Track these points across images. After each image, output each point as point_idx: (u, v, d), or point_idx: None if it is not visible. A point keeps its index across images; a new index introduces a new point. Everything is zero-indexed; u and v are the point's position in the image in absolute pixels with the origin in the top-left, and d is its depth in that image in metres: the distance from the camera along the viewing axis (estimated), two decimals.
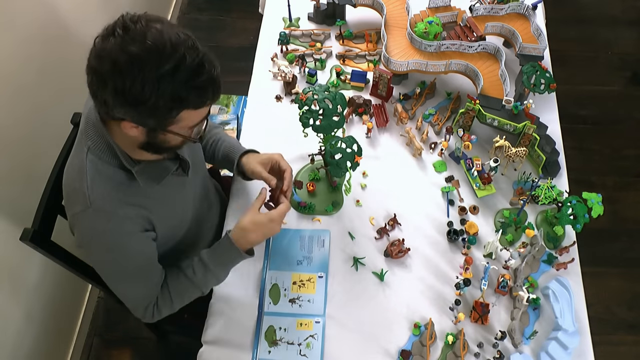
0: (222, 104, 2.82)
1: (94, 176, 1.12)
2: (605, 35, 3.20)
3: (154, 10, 2.92)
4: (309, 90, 1.36)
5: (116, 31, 0.94)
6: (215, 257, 1.30)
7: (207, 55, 1.00)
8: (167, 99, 0.97)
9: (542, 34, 1.76)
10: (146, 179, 1.17)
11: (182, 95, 0.98)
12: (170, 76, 0.95)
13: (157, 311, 1.30)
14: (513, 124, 1.60)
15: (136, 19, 0.96)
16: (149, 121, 1.02)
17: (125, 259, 1.20)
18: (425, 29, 1.71)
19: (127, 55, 0.93)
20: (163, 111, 0.99)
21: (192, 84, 0.97)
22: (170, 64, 0.94)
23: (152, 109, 0.97)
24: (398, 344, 1.38)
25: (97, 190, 1.12)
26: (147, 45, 0.93)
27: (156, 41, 0.94)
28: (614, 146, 2.79)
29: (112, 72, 0.94)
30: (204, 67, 0.98)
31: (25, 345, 1.82)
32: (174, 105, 0.99)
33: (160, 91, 0.95)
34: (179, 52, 0.95)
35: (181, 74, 0.95)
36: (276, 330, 1.39)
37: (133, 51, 0.93)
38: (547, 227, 1.54)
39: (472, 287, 1.44)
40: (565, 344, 1.32)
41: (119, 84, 0.94)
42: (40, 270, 1.87)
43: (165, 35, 0.95)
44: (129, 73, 0.93)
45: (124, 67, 0.93)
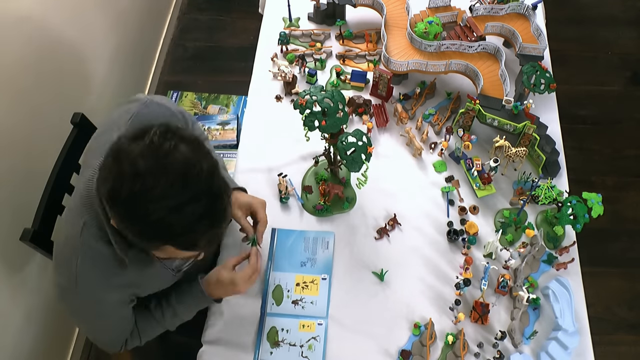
0: (222, 104, 2.82)
1: (85, 256, 1.08)
2: (605, 35, 3.20)
3: (154, 10, 2.93)
4: (306, 93, 1.36)
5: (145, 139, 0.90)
6: (185, 304, 1.30)
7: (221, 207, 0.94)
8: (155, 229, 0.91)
9: (542, 34, 1.76)
10: (139, 265, 1.13)
11: (173, 233, 0.92)
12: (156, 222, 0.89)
13: (124, 347, 1.32)
14: (513, 124, 1.60)
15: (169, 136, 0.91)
16: (131, 238, 0.98)
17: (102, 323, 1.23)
18: (425, 29, 1.71)
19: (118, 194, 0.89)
20: (146, 237, 0.95)
21: (188, 228, 0.91)
22: (160, 214, 0.88)
23: (135, 231, 0.94)
24: (398, 344, 1.38)
25: (86, 273, 1.09)
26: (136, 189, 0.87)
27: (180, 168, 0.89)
28: (614, 146, 2.79)
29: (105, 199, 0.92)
30: (206, 219, 0.92)
31: (25, 345, 1.82)
32: (159, 238, 0.94)
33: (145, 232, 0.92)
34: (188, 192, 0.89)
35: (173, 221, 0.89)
36: (278, 332, 1.39)
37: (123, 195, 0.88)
38: (547, 227, 1.54)
39: (472, 287, 1.44)
40: (565, 344, 1.32)
41: (109, 209, 0.93)
42: (40, 270, 1.87)
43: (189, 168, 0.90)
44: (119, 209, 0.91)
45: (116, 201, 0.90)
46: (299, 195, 1.59)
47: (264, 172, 1.64)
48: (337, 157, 1.53)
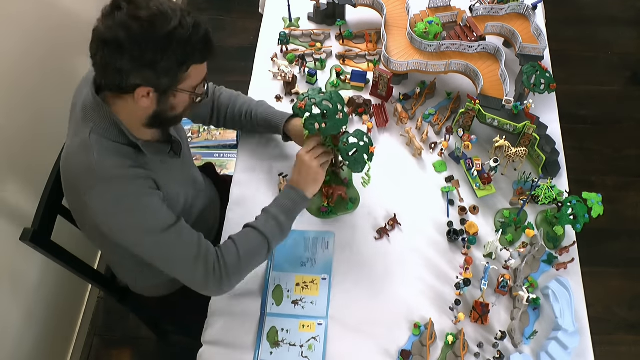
0: None
1: (100, 150, 1.15)
2: (605, 35, 3.20)
3: None
4: (305, 96, 1.35)
5: (121, 4, 1.04)
6: (277, 203, 1.35)
7: (198, 19, 1.13)
8: (177, 55, 1.07)
9: (542, 34, 1.76)
10: (152, 152, 1.24)
11: (189, 50, 1.09)
12: (176, 34, 1.05)
13: (224, 268, 1.23)
14: (513, 124, 1.60)
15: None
16: (163, 81, 1.10)
17: (153, 217, 1.19)
18: (425, 29, 1.71)
19: (139, 22, 1.02)
20: (175, 68, 1.10)
21: (195, 39, 1.09)
22: (175, 23, 1.05)
23: (166, 67, 1.08)
24: (398, 344, 1.38)
25: (105, 162, 1.15)
26: (153, 10, 1.04)
27: (158, 6, 1.05)
28: (614, 146, 2.79)
29: (128, 39, 1.03)
30: (200, 25, 1.11)
31: (25, 345, 1.82)
32: (184, 60, 1.10)
33: (171, 49, 1.06)
34: (178, 14, 1.07)
35: (184, 32, 1.07)
36: (278, 332, 1.39)
37: (143, 16, 1.03)
38: (547, 227, 1.54)
39: (472, 287, 1.44)
40: (565, 343, 1.32)
41: (135, 49, 1.03)
42: (40, 270, 1.87)
43: (163, 2, 1.07)
44: (143, 37, 1.03)
45: (138, 32, 1.03)
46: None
47: (264, 172, 1.64)
48: (338, 158, 1.53)
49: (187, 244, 1.23)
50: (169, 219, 1.21)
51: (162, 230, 1.19)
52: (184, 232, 1.23)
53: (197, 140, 2.58)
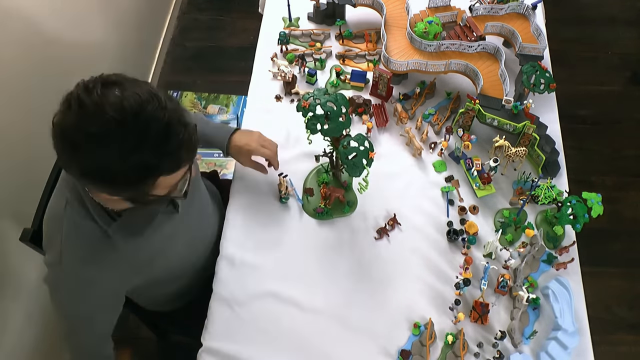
0: (222, 104, 2.82)
1: (69, 232, 1.08)
2: (605, 35, 3.20)
3: (153, 10, 2.92)
4: (310, 96, 1.35)
5: (72, 106, 0.88)
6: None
7: (175, 113, 0.92)
8: (137, 171, 0.91)
9: (542, 34, 1.76)
10: (125, 236, 1.11)
11: (153, 165, 0.92)
12: (135, 149, 0.88)
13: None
14: (513, 123, 1.60)
15: (91, 87, 0.88)
16: (124, 193, 0.98)
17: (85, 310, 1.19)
18: (425, 28, 1.71)
19: (86, 136, 0.87)
20: (135, 183, 0.94)
21: (162, 151, 0.90)
22: (134, 135, 0.87)
23: (122, 184, 0.93)
24: (398, 344, 1.38)
25: (71, 249, 1.08)
26: (106, 119, 0.85)
27: (115, 113, 0.86)
28: (613, 146, 2.79)
29: (74, 153, 0.89)
30: (171, 131, 0.90)
31: (25, 345, 1.82)
32: (147, 175, 0.94)
33: (126, 166, 0.89)
34: (141, 121, 0.87)
35: (147, 144, 0.88)
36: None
37: (91, 131, 0.86)
38: (546, 227, 1.54)
39: (472, 287, 1.44)
40: (565, 343, 1.32)
41: (82, 165, 0.91)
42: (40, 270, 1.87)
43: (125, 102, 0.87)
44: (91, 153, 0.88)
45: (85, 147, 0.88)
46: (299, 195, 1.59)
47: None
48: (338, 160, 1.53)
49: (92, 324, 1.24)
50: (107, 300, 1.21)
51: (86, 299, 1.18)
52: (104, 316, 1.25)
53: None
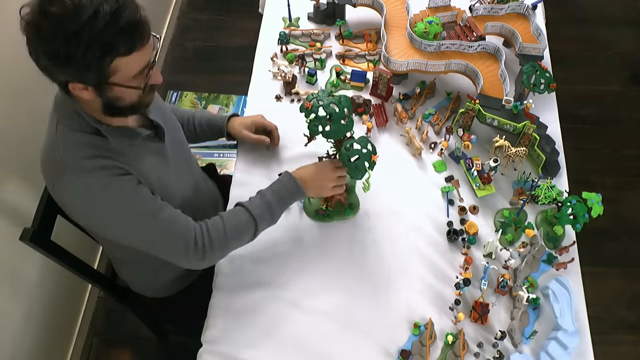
0: (222, 104, 2.82)
1: (65, 143, 1.15)
2: (605, 35, 3.20)
3: (153, 10, 2.92)
4: (313, 97, 1.35)
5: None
6: (275, 190, 1.35)
7: (127, 1, 1.02)
8: (93, 49, 0.99)
9: (542, 34, 1.76)
10: (117, 136, 1.18)
11: (107, 42, 1.00)
12: (89, 25, 0.97)
13: (209, 249, 1.24)
14: (513, 123, 1.60)
15: None
16: (88, 76, 1.04)
17: (123, 204, 1.17)
18: (425, 28, 1.71)
19: (48, 17, 0.97)
20: (94, 62, 1.01)
21: (114, 29, 0.99)
22: (87, 15, 0.97)
23: (83, 62, 1.00)
24: (398, 344, 1.38)
25: (70, 153, 1.14)
26: (65, 4, 0.97)
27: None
28: (613, 146, 2.79)
29: (39, 36, 0.99)
30: (124, 11, 1.00)
31: (25, 345, 1.82)
32: (103, 54, 1.01)
33: (84, 43, 0.98)
34: (94, 3, 0.98)
35: (100, 21, 0.98)
36: None
37: (52, 11, 0.97)
38: (546, 227, 1.54)
39: (472, 287, 1.44)
40: (565, 343, 1.32)
41: (47, 47, 0.99)
42: (40, 270, 1.87)
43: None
44: (52, 33, 0.98)
45: (47, 28, 0.98)
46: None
47: (263, 172, 1.64)
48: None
49: (166, 224, 1.22)
50: (145, 202, 1.19)
51: (138, 214, 1.19)
52: (163, 212, 1.22)
53: None
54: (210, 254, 1.26)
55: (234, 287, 1.45)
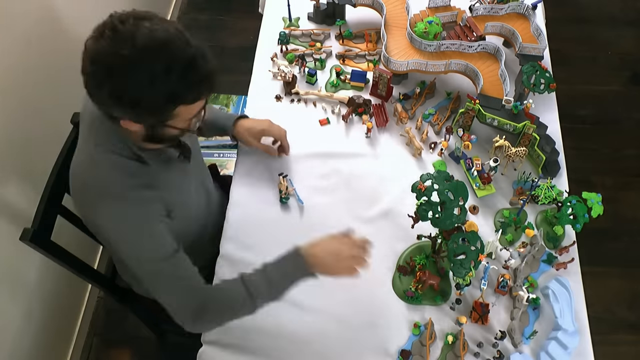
0: (222, 104, 2.82)
1: (106, 167, 1.14)
2: (605, 35, 3.20)
3: (153, 10, 2.92)
4: (429, 178, 1.27)
5: (105, 33, 0.96)
6: (282, 270, 1.23)
7: (199, 50, 1.01)
8: (162, 97, 0.99)
9: (542, 34, 1.76)
10: (155, 162, 1.20)
11: (177, 93, 1.00)
12: (163, 75, 0.96)
13: (204, 315, 1.19)
14: (513, 123, 1.60)
15: (125, 18, 0.97)
16: (147, 119, 1.05)
17: (149, 245, 1.16)
18: (425, 28, 1.71)
19: (119, 58, 0.94)
20: (159, 109, 1.02)
21: (186, 81, 0.99)
22: (162, 63, 0.96)
23: (148, 108, 1.00)
24: (398, 344, 1.38)
25: (110, 178, 1.14)
26: (138, 46, 0.94)
27: (146, 41, 0.95)
28: (613, 146, 2.79)
29: (107, 76, 0.96)
30: (196, 63, 0.99)
31: (25, 345, 1.82)
32: (170, 103, 1.01)
33: (154, 91, 0.97)
34: (169, 50, 0.96)
35: (174, 72, 0.97)
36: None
37: (124, 54, 0.94)
38: (547, 227, 1.54)
39: (472, 287, 1.44)
40: (565, 343, 1.32)
41: (113, 87, 0.97)
42: (40, 270, 1.87)
43: (155, 33, 0.96)
44: (122, 76, 0.95)
45: (117, 70, 0.95)
46: (299, 196, 1.59)
47: (263, 172, 1.64)
48: (441, 248, 1.43)
49: (178, 278, 1.19)
50: (166, 250, 1.17)
51: (156, 260, 1.17)
52: (180, 265, 1.20)
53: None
54: (200, 325, 1.21)
55: None
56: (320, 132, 1.73)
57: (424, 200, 1.27)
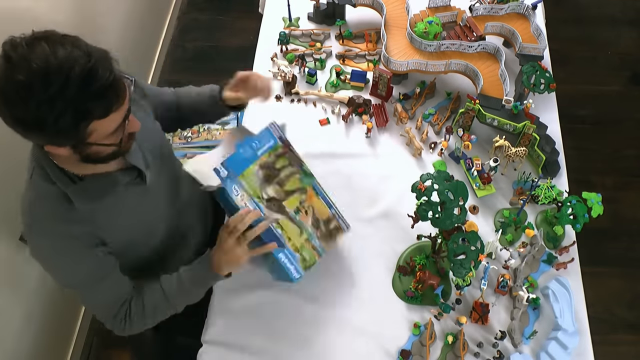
0: None
1: (34, 197, 1.13)
2: (605, 35, 3.20)
3: (154, 10, 2.92)
4: (428, 178, 1.27)
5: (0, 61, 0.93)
6: (191, 271, 1.27)
7: (98, 61, 0.96)
8: (67, 116, 0.94)
9: (542, 34, 1.76)
10: (84, 199, 1.13)
11: (81, 109, 0.95)
12: (60, 93, 0.92)
13: (128, 322, 1.24)
14: (513, 123, 1.60)
15: (17, 43, 0.94)
16: (64, 141, 1.00)
17: (76, 273, 1.19)
18: (425, 28, 1.71)
19: (13, 84, 0.91)
20: (70, 129, 0.96)
21: (87, 95, 0.94)
22: (59, 81, 0.91)
23: (57, 129, 0.95)
24: (398, 344, 1.38)
25: (38, 211, 1.13)
26: (32, 68, 0.91)
27: (40, 62, 0.91)
28: (613, 146, 2.79)
29: (5, 103, 0.94)
30: (95, 75, 0.94)
31: (25, 344, 1.82)
32: (78, 120, 0.96)
33: (56, 111, 0.93)
34: (65, 67, 0.92)
35: (71, 89, 0.92)
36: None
37: (18, 79, 0.91)
38: (546, 227, 1.53)
39: (472, 287, 1.44)
40: (565, 343, 1.32)
41: (14, 114, 0.94)
42: (40, 271, 1.86)
43: (50, 52, 0.92)
44: (19, 101, 0.92)
45: (13, 96, 0.92)
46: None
47: None
48: (441, 248, 1.44)
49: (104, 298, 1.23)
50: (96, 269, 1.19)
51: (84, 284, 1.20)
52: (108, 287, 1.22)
53: (197, 140, 2.58)
54: (129, 328, 1.25)
55: (234, 287, 1.45)
56: (320, 132, 1.73)
57: (424, 200, 1.27)
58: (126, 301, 1.25)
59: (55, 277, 1.21)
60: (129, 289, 1.25)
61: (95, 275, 1.20)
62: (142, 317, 1.25)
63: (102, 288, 1.22)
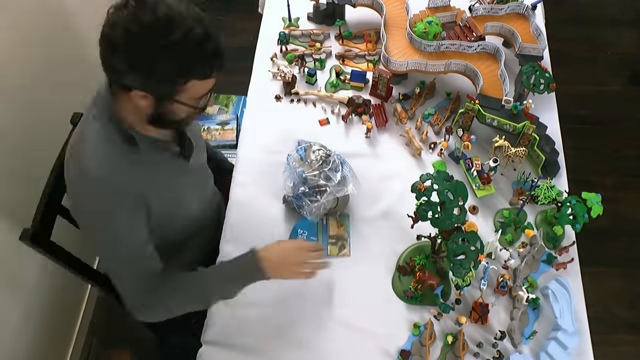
0: (222, 104, 2.82)
1: (94, 142, 1.15)
2: (605, 35, 3.20)
3: None
4: (428, 178, 1.27)
5: (129, 3, 1.00)
6: (234, 265, 1.28)
7: (213, 30, 1.06)
8: (175, 67, 1.02)
9: (542, 34, 1.76)
10: (147, 146, 1.19)
11: (190, 64, 1.04)
12: (178, 45, 1.00)
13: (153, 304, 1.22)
14: (512, 124, 1.60)
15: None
16: (158, 89, 1.07)
17: (114, 231, 1.18)
18: (425, 29, 1.71)
19: (139, 25, 0.98)
20: (171, 79, 1.05)
21: (199, 54, 1.03)
22: (179, 34, 0.99)
23: (160, 76, 1.03)
24: (397, 344, 1.38)
25: (95, 157, 1.14)
26: (158, 15, 0.99)
27: (167, 12, 0.99)
28: (613, 146, 2.79)
29: (125, 40, 1.00)
30: (209, 39, 1.04)
31: (24, 345, 1.82)
32: (182, 74, 1.05)
33: (169, 59, 1.01)
34: (186, 24, 1.00)
35: (188, 44, 1.01)
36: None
37: (145, 21, 0.98)
38: (546, 227, 1.54)
39: (472, 287, 1.44)
40: (564, 343, 1.32)
41: (130, 52, 1.01)
42: (39, 270, 1.87)
43: (175, 8, 1.01)
44: (140, 41, 0.99)
45: (136, 35, 0.99)
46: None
47: (264, 172, 1.64)
48: (441, 248, 1.44)
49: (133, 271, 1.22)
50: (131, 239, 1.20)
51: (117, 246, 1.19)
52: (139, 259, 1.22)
53: None
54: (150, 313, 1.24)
55: None
56: (320, 132, 1.73)
57: (424, 200, 1.27)
58: (159, 277, 1.24)
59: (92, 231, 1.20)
60: (161, 266, 1.26)
61: (131, 242, 1.20)
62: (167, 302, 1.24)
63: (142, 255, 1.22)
